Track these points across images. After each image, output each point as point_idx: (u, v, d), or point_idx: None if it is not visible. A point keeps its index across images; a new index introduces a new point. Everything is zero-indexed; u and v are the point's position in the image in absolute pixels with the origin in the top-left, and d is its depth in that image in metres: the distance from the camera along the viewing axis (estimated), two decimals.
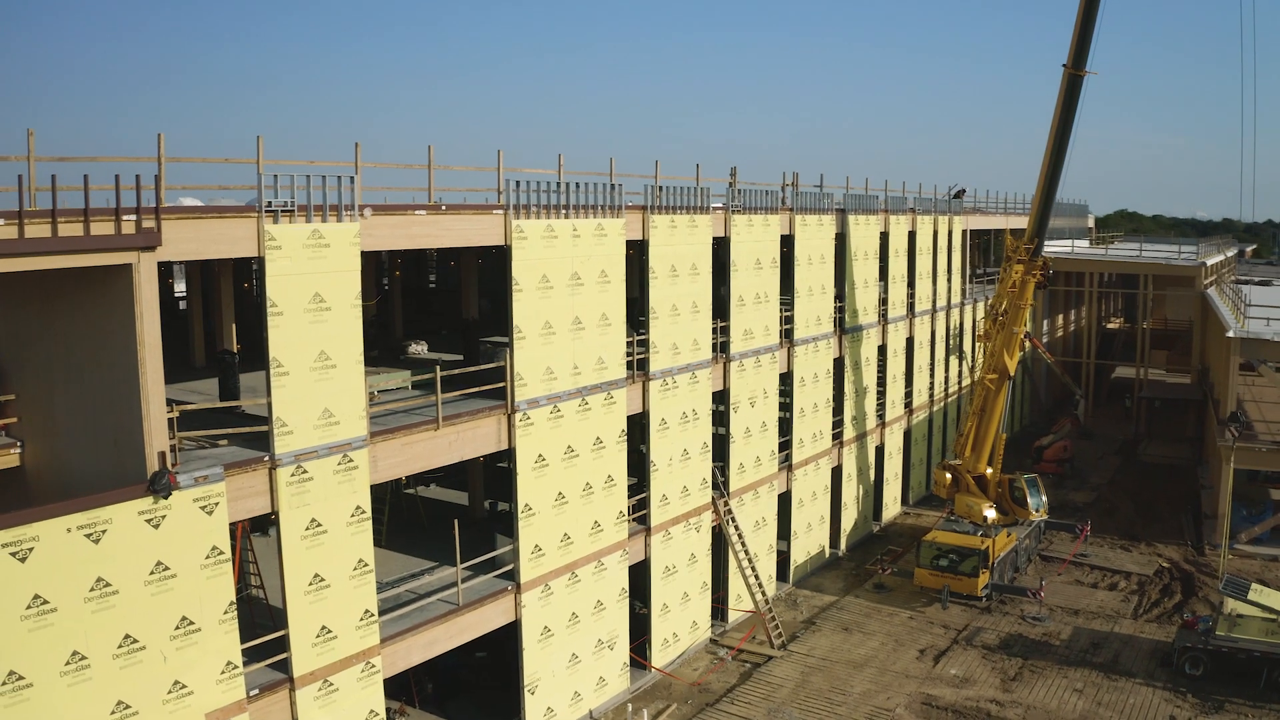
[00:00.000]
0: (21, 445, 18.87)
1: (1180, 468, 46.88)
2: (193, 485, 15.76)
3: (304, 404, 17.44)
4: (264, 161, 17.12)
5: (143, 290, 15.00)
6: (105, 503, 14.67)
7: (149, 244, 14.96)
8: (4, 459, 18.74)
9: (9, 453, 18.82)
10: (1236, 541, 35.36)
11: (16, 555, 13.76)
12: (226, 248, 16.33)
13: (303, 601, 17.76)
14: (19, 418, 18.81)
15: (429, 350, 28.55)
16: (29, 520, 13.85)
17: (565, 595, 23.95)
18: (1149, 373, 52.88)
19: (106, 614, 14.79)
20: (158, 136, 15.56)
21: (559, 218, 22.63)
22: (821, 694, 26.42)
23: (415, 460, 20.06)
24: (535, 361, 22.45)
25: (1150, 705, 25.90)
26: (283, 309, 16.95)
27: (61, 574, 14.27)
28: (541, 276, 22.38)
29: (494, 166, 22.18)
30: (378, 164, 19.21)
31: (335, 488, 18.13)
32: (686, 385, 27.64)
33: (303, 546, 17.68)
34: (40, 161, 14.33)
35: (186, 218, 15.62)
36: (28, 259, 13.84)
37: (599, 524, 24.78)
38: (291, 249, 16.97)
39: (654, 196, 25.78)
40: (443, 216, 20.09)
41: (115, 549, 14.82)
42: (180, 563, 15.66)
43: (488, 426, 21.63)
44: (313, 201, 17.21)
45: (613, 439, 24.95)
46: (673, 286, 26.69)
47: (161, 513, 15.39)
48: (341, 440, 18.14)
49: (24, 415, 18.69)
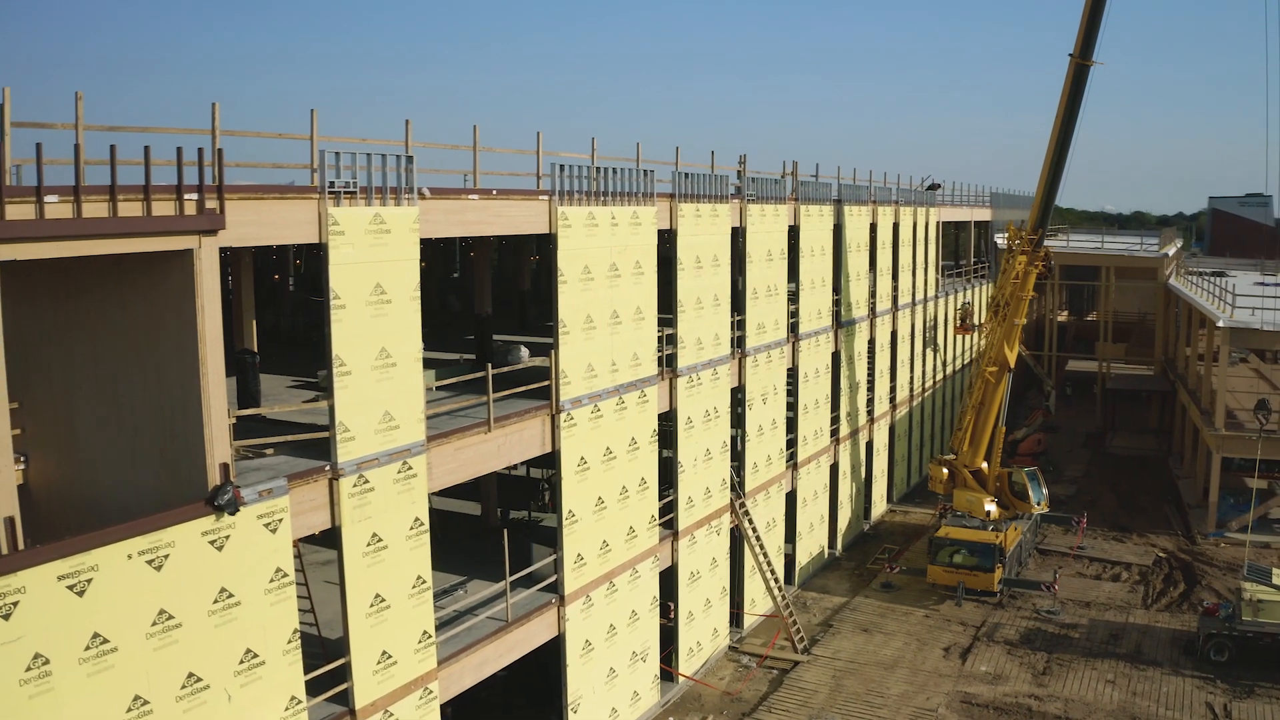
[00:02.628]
0: (26, 460, 16.71)
1: (1150, 459, 47.42)
2: (256, 500, 13.97)
3: (365, 406, 15.74)
4: (318, 138, 15.40)
5: (204, 280, 13.17)
6: (167, 523, 12.83)
7: (212, 226, 13.15)
8: None
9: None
10: (1228, 530, 35.67)
11: (74, 589, 11.85)
12: (287, 232, 14.57)
13: (364, 625, 16.04)
14: (23, 429, 16.63)
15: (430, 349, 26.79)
16: (87, 547, 11.95)
17: (604, 606, 22.55)
18: (1110, 365, 53.48)
19: (169, 650, 12.93)
20: (212, 106, 13.74)
21: (598, 205, 21.23)
22: (859, 697, 25.51)
23: (467, 466, 18.46)
24: (578, 358, 21.02)
25: (1184, 693, 25.69)
26: (345, 301, 15.23)
27: (122, 607, 12.39)
28: (584, 267, 20.96)
29: (534, 149, 20.65)
30: (428, 144, 17.56)
31: (395, 498, 16.45)
32: (709, 382, 26.46)
33: (364, 564, 15.96)
34: (90, 130, 12.42)
35: (248, 198, 13.82)
36: (84, 243, 11.92)
37: (633, 530, 23.44)
38: (354, 235, 15.27)
39: (681, 184, 24.53)
40: (494, 202, 18.54)
41: (178, 576, 12.98)
42: (244, 588, 13.86)
43: (533, 428, 20.12)
44: (373, 183, 15.53)
45: (645, 439, 23.63)
46: (697, 278, 25.49)
47: (225, 532, 13.58)
48: (401, 446, 16.47)
49: (30, 426, 16.52)
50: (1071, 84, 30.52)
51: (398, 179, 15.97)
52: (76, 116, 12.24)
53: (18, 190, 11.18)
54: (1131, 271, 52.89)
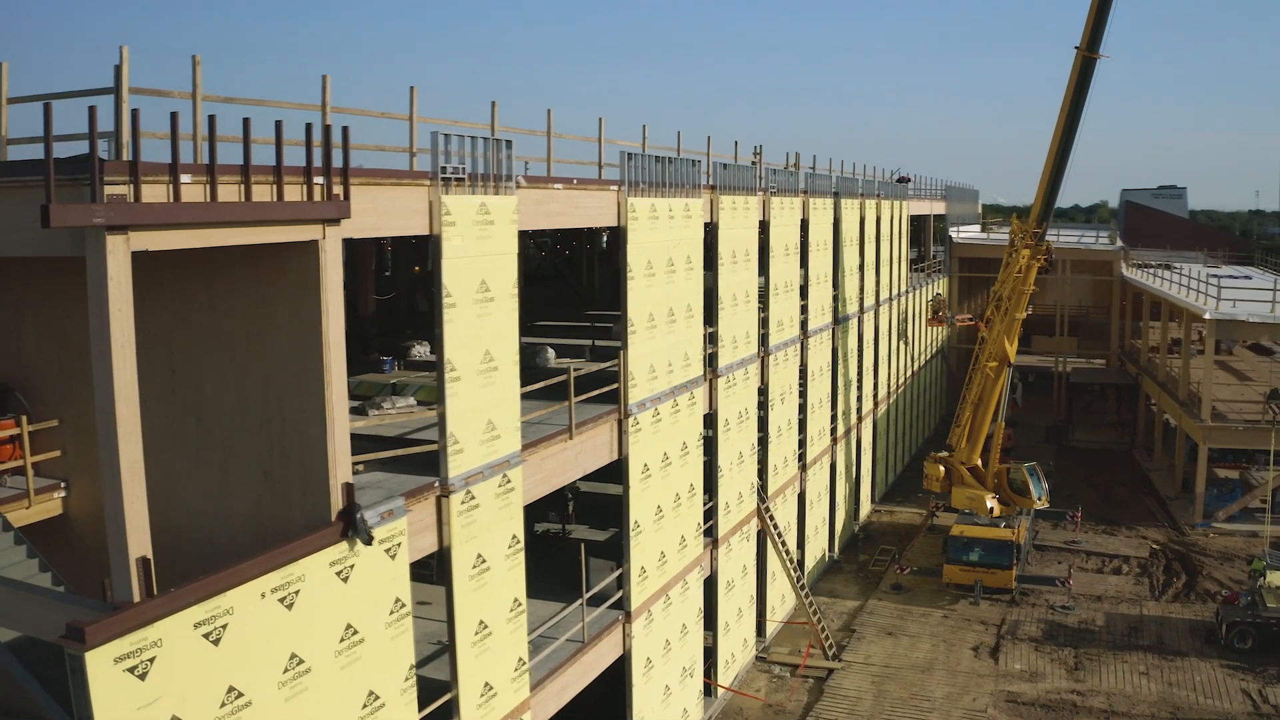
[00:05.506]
0: (67, 487, 14.72)
1: (1114, 452, 48.05)
2: (379, 523, 12.39)
3: (472, 415, 14.25)
4: (417, 119, 13.86)
5: (329, 275, 11.55)
6: (299, 554, 11.18)
7: (338, 215, 11.54)
8: (42, 506, 14.54)
9: (49, 498, 14.65)
10: (1215, 520, 36.23)
11: (210, 637, 10.16)
12: (400, 222, 12.99)
13: (470, 654, 14.54)
14: (64, 450, 14.64)
15: (430, 352, 25.12)
16: (223, 587, 10.27)
17: (661, 621, 21.34)
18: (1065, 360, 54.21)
19: (299, 700, 11.29)
20: (323, 79, 12.13)
21: (658, 196, 20.02)
22: (905, 702, 24.84)
23: (551, 478, 17.06)
24: (643, 358, 19.76)
25: (1218, 681, 25.78)
26: (456, 300, 13.71)
27: (256, 654, 10.73)
28: (647, 262, 19.72)
29: (594, 136, 19.34)
30: (514, 129, 16.10)
31: (496, 514, 14.98)
32: (741, 382, 25.45)
33: (470, 588, 14.46)
34: (208, 101, 10.70)
35: (367, 183, 12.23)
36: (218, 231, 10.22)
37: (684, 539, 22.28)
38: (464, 226, 13.78)
39: (721, 176, 23.47)
40: (574, 192, 17.19)
41: (308, 614, 11.35)
42: (367, 624, 12.28)
43: (603, 435, 18.79)
44: (479, 169, 14.05)
45: (694, 443, 22.49)
46: (733, 274, 24.45)
47: (350, 561, 11.98)
48: (501, 457, 15.01)
49: (74, 447, 14.54)
50: (1078, 77, 30.45)
51: (497, 165, 14.51)
52: (194, 85, 10.52)
53: (152, 167, 9.47)
54: (1086, 265, 53.80)
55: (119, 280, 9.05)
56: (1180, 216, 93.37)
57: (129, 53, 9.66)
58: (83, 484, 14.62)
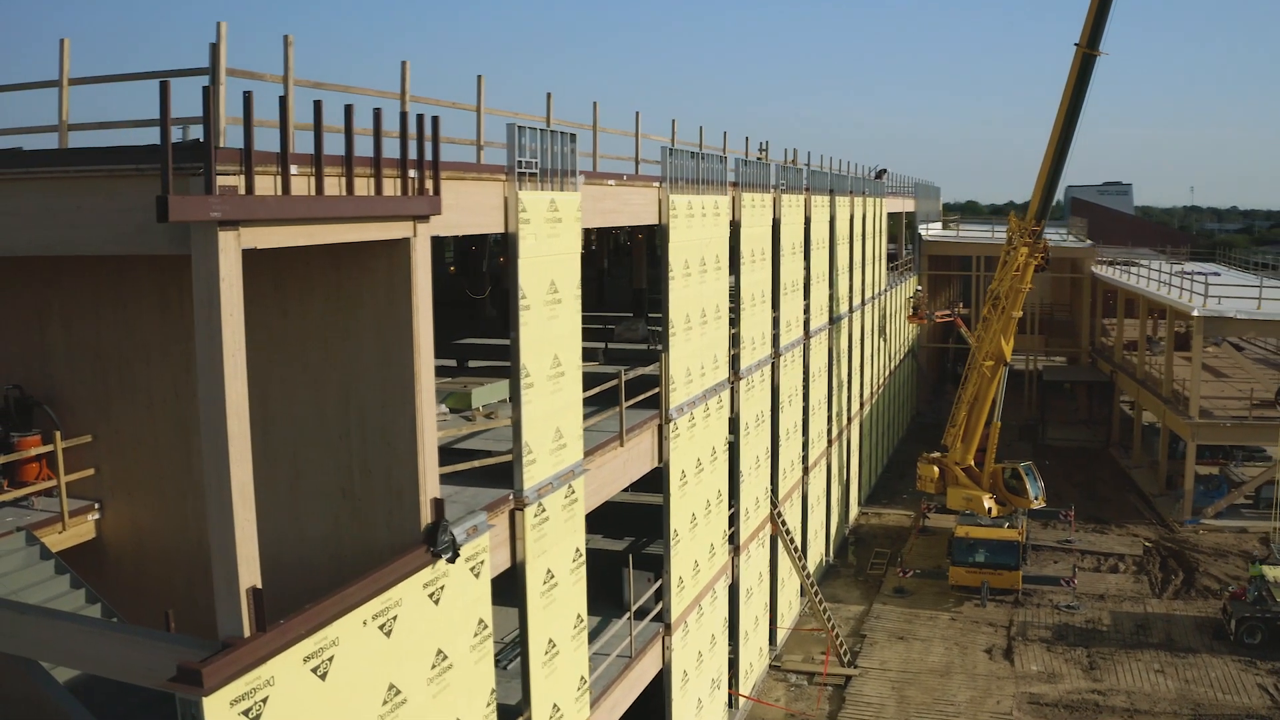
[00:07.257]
0: (101, 508, 13.63)
1: (1090, 450, 48.38)
2: (464, 539, 11.58)
3: (543, 423, 13.48)
4: (484, 110, 13.07)
5: (419, 275, 10.72)
6: (396, 577, 10.34)
7: (430, 211, 10.72)
8: (75, 530, 13.43)
9: (83, 520, 13.53)
10: (1204, 516, 36.56)
11: (318, 671, 9.30)
12: (478, 219, 12.20)
13: (541, 675, 13.77)
14: (99, 468, 13.54)
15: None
16: (329, 617, 9.40)
17: (695, 632, 20.71)
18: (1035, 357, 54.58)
19: None
20: (402, 65, 11.29)
21: (695, 194, 19.40)
22: (929, 707, 24.50)
23: (605, 487, 16.34)
24: (681, 361, 19.13)
25: (1233, 676, 25.89)
26: (530, 302, 12.95)
27: (359, 687, 9.90)
28: (684, 262, 19.09)
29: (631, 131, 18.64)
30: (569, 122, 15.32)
31: (562, 526, 14.25)
32: (758, 383, 24.92)
33: (541, 605, 13.70)
34: (301, 86, 9.83)
35: (451, 178, 11.41)
36: (323, 227, 9.35)
37: (713, 547, 21.68)
38: (537, 224, 13.02)
39: (744, 172, 22.93)
40: (624, 189, 16.48)
41: (404, 640, 10.52)
42: (455, 647, 11.47)
43: (646, 441, 18.11)
44: (550, 164, 13.30)
45: (721, 448, 21.91)
46: (753, 272, 23.92)
47: (440, 582, 11.17)
48: (567, 467, 14.28)
49: (109, 465, 13.46)
50: (1077, 74, 30.46)
51: (562, 160, 13.77)
52: (286, 68, 9.63)
53: (262, 157, 8.60)
54: (1057, 263, 54.17)
55: (230, 281, 8.17)
56: (1126, 213, 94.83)
57: (226, 30, 8.77)
58: (118, 505, 13.55)
